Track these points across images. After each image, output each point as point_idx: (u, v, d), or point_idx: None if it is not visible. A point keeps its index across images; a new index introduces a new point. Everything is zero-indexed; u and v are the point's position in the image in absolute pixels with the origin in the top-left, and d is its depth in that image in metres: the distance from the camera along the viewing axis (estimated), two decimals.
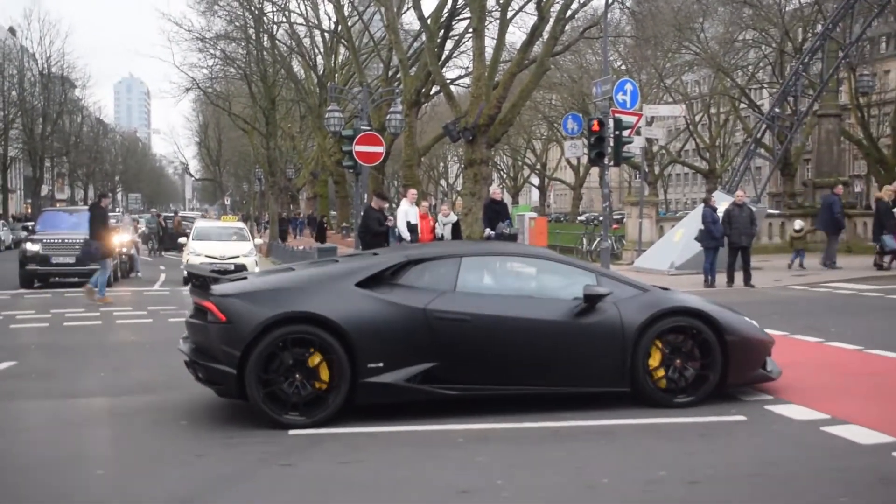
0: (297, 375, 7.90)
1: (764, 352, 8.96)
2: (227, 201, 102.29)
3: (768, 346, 9.03)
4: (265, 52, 53.56)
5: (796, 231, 26.71)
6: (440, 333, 8.14)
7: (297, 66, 61.78)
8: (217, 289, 8.32)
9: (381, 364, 7.98)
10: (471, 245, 11.18)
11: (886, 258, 23.91)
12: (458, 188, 72.23)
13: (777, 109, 30.56)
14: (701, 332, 8.51)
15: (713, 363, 8.50)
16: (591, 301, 8.43)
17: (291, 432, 7.73)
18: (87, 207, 26.45)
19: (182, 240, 30.45)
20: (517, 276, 9.13)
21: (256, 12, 51.87)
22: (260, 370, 7.83)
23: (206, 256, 26.46)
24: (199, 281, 8.54)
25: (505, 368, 8.37)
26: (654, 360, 8.45)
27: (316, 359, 7.93)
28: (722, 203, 23.16)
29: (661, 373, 8.46)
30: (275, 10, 54.90)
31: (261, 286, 8.46)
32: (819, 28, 37.41)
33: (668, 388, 8.48)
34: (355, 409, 8.12)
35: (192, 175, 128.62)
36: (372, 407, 8.23)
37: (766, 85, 61.12)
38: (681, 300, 8.88)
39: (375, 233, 18.56)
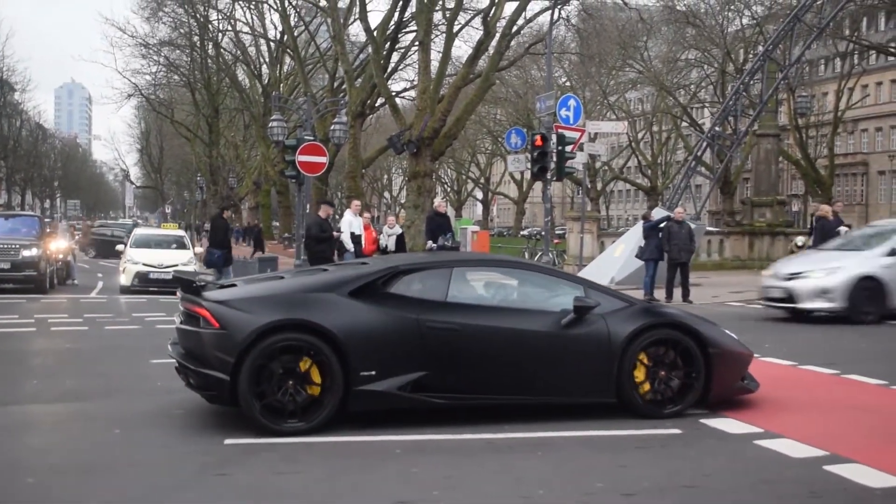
0: (290, 382, 7.90)
1: (744, 364, 9.14)
2: (168, 209, 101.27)
3: (748, 358, 9.20)
4: (210, 60, 53.35)
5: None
6: (431, 343, 8.19)
7: (241, 75, 61.47)
8: (210, 295, 8.29)
9: (373, 372, 8.01)
10: (461, 255, 11.31)
11: None
12: (402, 200, 72.23)
13: (718, 128, 31.00)
14: (685, 345, 8.65)
15: (697, 375, 8.65)
16: (581, 313, 8.52)
17: (227, 441, 7.66)
18: (24, 213, 26.03)
19: (119, 247, 29.93)
20: (506, 286, 9.22)
21: (201, 19, 51.65)
22: (253, 377, 7.80)
23: (144, 265, 25.99)
24: (189, 287, 8.52)
25: (494, 378, 8.44)
26: (640, 372, 8.58)
27: (309, 366, 7.93)
28: None
29: (646, 384, 8.58)
30: (220, 17, 54.70)
31: (254, 293, 8.45)
32: (760, 49, 38.02)
33: (653, 399, 8.60)
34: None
35: (132, 182, 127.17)
36: None
37: (707, 104, 62.07)
38: (666, 313, 9.07)
39: (319, 239, 18.58)
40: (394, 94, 43.90)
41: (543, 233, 26.89)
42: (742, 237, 33.00)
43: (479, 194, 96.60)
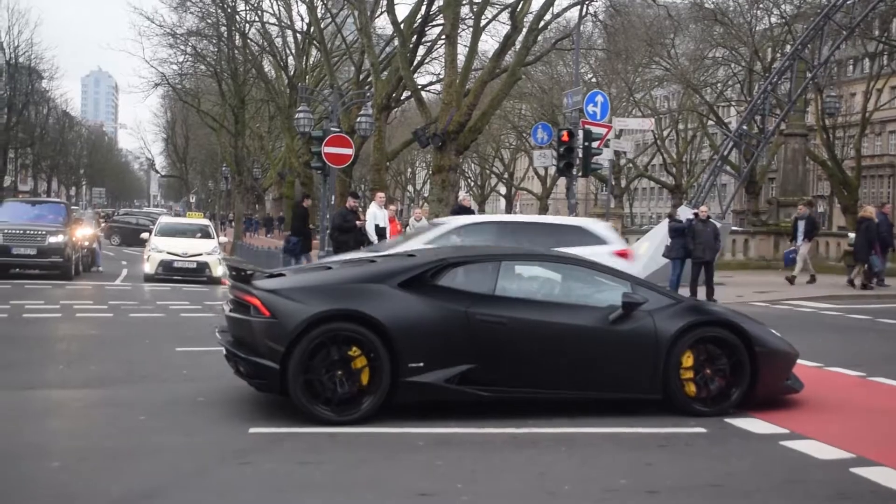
0: (339, 372, 7.95)
1: (790, 364, 9.12)
2: (193, 199, 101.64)
3: (794, 358, 9.18)
4: (236, 51, 53.37)
5: (850, 245, 26.24)
6: (479, 336, 8.23)
7: (267, 66, 61.49)
8: (260, 284, 8.37)
9: (421, 364, 8.05)
10: (509, 249, 11.38)
11: (872, 279, 23.90)
12: (426, 194, 72.21)
13: (744, 127, 30.81)
14: (731, 343, 8.65)
15: (742, 374, 8.65)
16: (629, 309, 8.53)
17: (251, 430, 7.68)
18: (51, 200, 26.23)
19: (144, 235, 30.05)
20: (553, 281, 9.24)
21: (229, 10, 51.67)
22: (303, 366, 7.85)
23: (168, 253, 26.09)
24: (240, 275, 8.63)
25: (540, 373, 8.48)
26: (686, 370, 8.58)
27: (357, 356, 7.98)
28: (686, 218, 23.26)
29: (692, 382, 8.59)
30: (247, 8, 54.63)
31: (304, 283, 8.55)
32: (788, 48, 37.77)
33: (698, 396, 8.61)
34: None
35: (157, 171, 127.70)
36: None
37: (734, 103, 61.71)
38: (713, 311, 9.12)
39: (343, 230, 18.76)
40: (420, 87, 43.82)
41: None
42: (768, 237, 32.81)
43: (503, 189, 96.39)
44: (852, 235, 27.02)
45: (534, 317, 8.44)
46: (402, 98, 47.31)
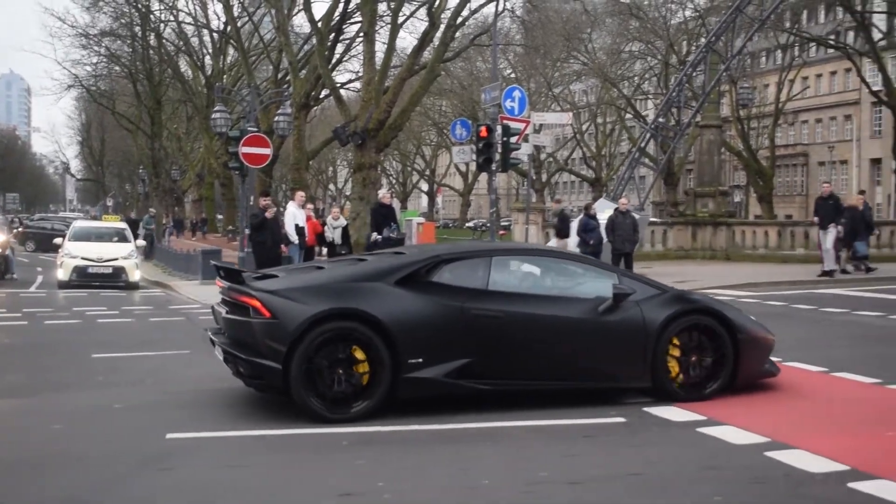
0: (341, 370, 8.04)
1: (769, 349, 9.49)
2: (110, 202, 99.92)
3: (772, 343, 9.53)
4: (151, 51, 52.68)
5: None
6: (476, 330, 8.38)
7: (184, 66, 60.76)
8: (258, 285, 8.41)
9: (420, 360, 8.18)
10: (499, 244, 11.58)
11: (854, 263, 24.37)
12: (347, 192, 72.00)
13: (661, 119, 31.26)
14: (716, 330, 8.93)
15: (726, 360, 8.94)
16: (619, 300, 8.76)
17: (169, 436, 7.56)
18: None
19: (58, 240, 29.38)
20: (543, 274, 9.35)
21: (143, 9, 50.93)
22: (305, 365, 7.90)
23: (83, 258, 25.45)
24: (235, 276, 8.71)
25: (536, 364, 8.69)
26: (673, 357, 8.85)
27: (358, 354, 8.06)
28: (606, 211, 23.55)
29: (678, 368, 8.87)
30: (162, 7, 53.95)
31: (303, 283, 8.57)
32: (702, 41, 38.38)
33: (685, 383, 8.88)
34: (245, 414, 8.16)
35: (73, 175, 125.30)
36: (260, 412, 8.30)
37: (651, 96, 62.59)
38: (697, 300, 9.40)
39: (255, 227, 18.96)
40: (339, 85, 43.69)
41: (489, 224, 26.91)
42: (685, 227, 33.27)
43: (425, 186, 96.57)
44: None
45: (527, 310, 8.63)
46: (321, 96, 47.17)
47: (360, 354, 8.08)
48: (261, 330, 8.03)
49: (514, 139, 23.06)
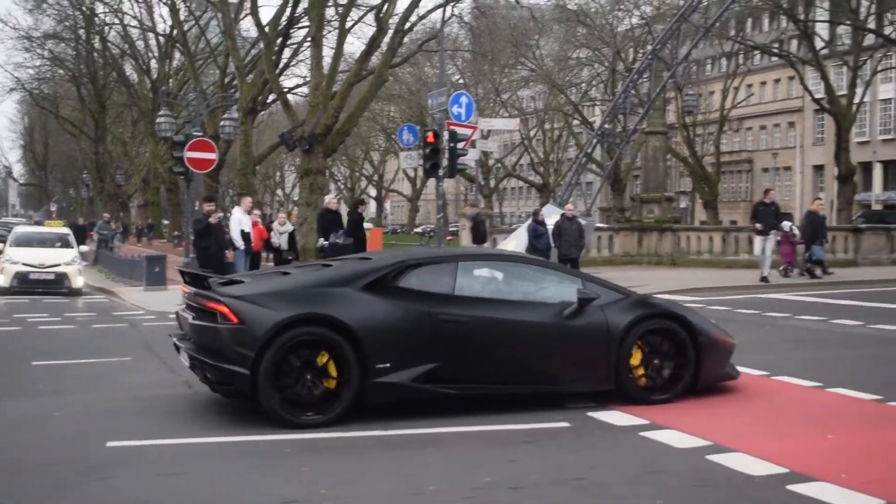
0: (309, 376, 8.02)
1: (729, 352, 9.58)
2: (54, 207, 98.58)
3: (732, 347, 9.63)
4: (96, 54, 52.12)
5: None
6: (443, 335, 8.41)
7: (129, 70, 60.14)
8: (225, 290, 8.37)
9: (388, 364, 8.18)
10: (464, 250, 11.59)
11: (818, 269, 24.69)
12: (295, 198, 71.64)
13: (608, 126, 31.49)
14: (677, 334, 9.03)
15: (688, 362, 9.05)
16: (583, 304, 8.82)
17: (109, 444, 7.46)
18: None
19: None
20: (508, 280, 9.36)
21: (87, 12, 50.34)
22: (273, 371, 7.88)
23: (24, 264, 24.97)
24: (200, 282, 8.68)
25: (502, 368, 8.74)
26: (636, 360, 8.92)
27: (326, 360, 8.03)
28: (553, 216, 23.64)
29: (641, 372, 8.95)
30: (107, 10, 53.38)
31: (270, 289, 8.52)
32: (648, 48, 38.75)
33: (648, 385, 8.97)
34: (187, 421, 8.09)
35: (15, 180, 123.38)
36: (202, 420, 8.22)
37: (598, 102, 63.06)
38: (659, 304, 9.49)
39: (199, 233, 18.83)
40: (286, 90, 43.49)
41: (437, 230, 26.92)
42: (631, 233, 33.54)
43: (373, 191, 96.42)
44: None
45: (493, 315, 8.67)
46: (268, 101, 46.91)
47: (328, 360, 8.06)
48: (228, 336, 7.99)
49: (461, 145, 23.13)
